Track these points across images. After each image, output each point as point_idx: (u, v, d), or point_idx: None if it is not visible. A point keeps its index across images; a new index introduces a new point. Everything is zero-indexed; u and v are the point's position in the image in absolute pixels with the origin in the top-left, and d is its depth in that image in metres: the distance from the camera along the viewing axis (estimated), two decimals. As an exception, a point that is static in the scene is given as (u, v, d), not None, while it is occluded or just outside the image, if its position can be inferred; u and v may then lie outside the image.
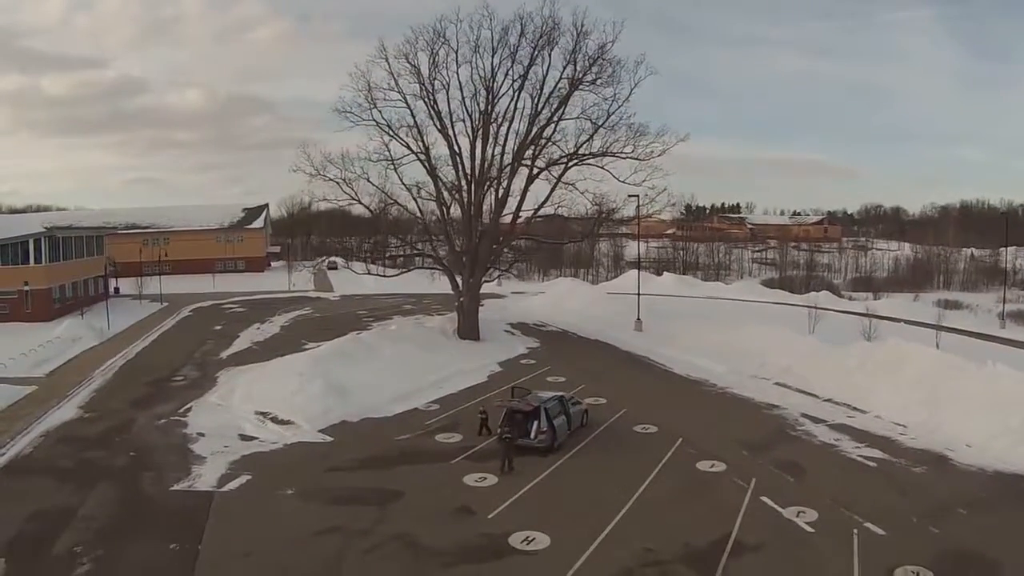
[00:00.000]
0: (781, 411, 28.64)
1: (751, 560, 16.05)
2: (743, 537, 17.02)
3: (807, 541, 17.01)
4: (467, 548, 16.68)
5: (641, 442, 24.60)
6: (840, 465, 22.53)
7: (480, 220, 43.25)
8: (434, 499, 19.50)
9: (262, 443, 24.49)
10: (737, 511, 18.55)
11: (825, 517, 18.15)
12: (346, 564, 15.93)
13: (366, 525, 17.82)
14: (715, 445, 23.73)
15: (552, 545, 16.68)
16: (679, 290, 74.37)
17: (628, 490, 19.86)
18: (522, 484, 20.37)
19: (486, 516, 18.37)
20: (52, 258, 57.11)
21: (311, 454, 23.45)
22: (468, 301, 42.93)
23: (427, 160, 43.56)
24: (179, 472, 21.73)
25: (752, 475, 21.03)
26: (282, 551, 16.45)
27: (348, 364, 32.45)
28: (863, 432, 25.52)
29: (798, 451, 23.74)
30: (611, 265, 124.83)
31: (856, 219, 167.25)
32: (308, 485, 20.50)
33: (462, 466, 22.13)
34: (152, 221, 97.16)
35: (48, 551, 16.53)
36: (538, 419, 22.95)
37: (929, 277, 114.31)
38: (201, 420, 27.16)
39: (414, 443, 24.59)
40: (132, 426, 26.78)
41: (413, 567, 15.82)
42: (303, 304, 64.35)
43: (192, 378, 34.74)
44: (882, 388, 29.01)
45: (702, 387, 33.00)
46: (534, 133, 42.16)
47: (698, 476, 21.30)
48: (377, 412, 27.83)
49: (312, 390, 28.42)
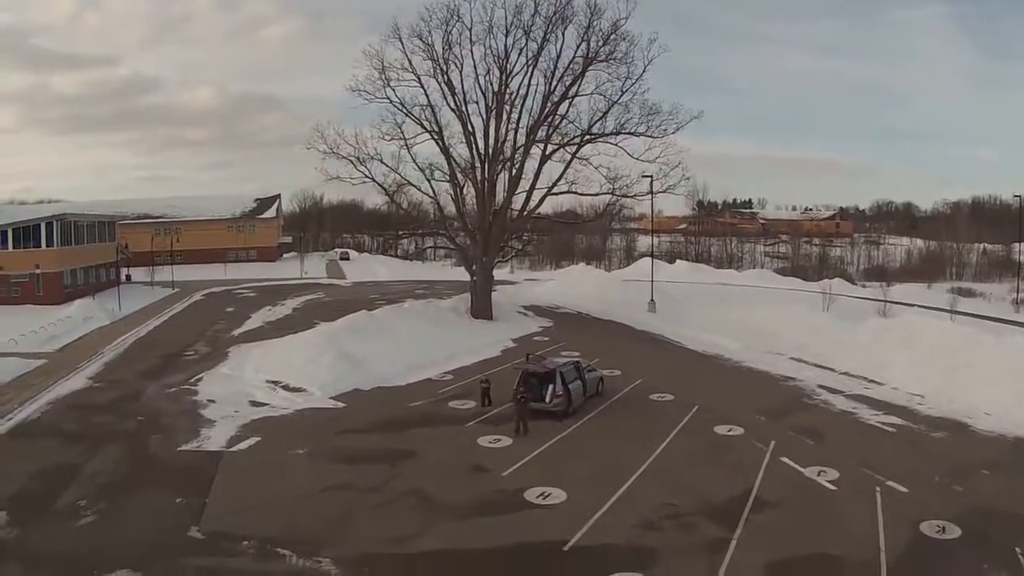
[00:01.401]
0: (797, 383, 28.20)
1: (774, 514, 15.66)
2: (764, 494, 16.64)
3: (830, 497, 16.61)
4: (482, 503, 16.41)
5: (657, 409, 24.23)
6: (859, 430, 22.13)
7: (493, 199, 42.89)
8: (447, 458, 19.23)
9: (273, 408, 24.26)
10: (757, 470, 18.17)
11: (847, 476, 17.75)
12: (356, 516, 15.66)
13: (377, 482, 17.56)
14: (732, 412, 23.30)
15: (569, 499, 16.39)
16: (691, 277, 73.70)
17: (646, 451, 19.52)
18: (537, 445, 20.06)
19: (500, 474, 18.06)
20: (63, 242, 57.11)
21: (322, 418, 23.21)
22: (481, 280, 42.60)
23: (440, 139, 43.25)
24: (188, 435, 21.51)
25: (771, 438, 20.63)
26: (291, 504, 16.19)
27: (361, 338, 32.17)
28: (881, 402, 25.12)
29: (816, 417, 23.33)
30: (623, 257, 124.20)
31: (868, 215, 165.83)
32: (319, 446, 20.26)
33: (476, 429, 21.82)
34: (164, 211, 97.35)
35: (50, 505, 16.31)
36: (553, 382, 22.59)
37: (941, 268, 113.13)
38: (211, 388, 26.95)
39: (427, 409, 24.30)
40: (141, 394, 26.61)
41: (426, 519, 15.51)
42: (315, 290, 64.13)
43: (203, 353, 34.57)
44: (898, 361, 28.61)
45: (717, 361, 32.57)
46: (547, 110, 41.76)
47: (716, 439, 20.92)
48: (389, 381, 27.56)
49: (324, 360, 28.19)
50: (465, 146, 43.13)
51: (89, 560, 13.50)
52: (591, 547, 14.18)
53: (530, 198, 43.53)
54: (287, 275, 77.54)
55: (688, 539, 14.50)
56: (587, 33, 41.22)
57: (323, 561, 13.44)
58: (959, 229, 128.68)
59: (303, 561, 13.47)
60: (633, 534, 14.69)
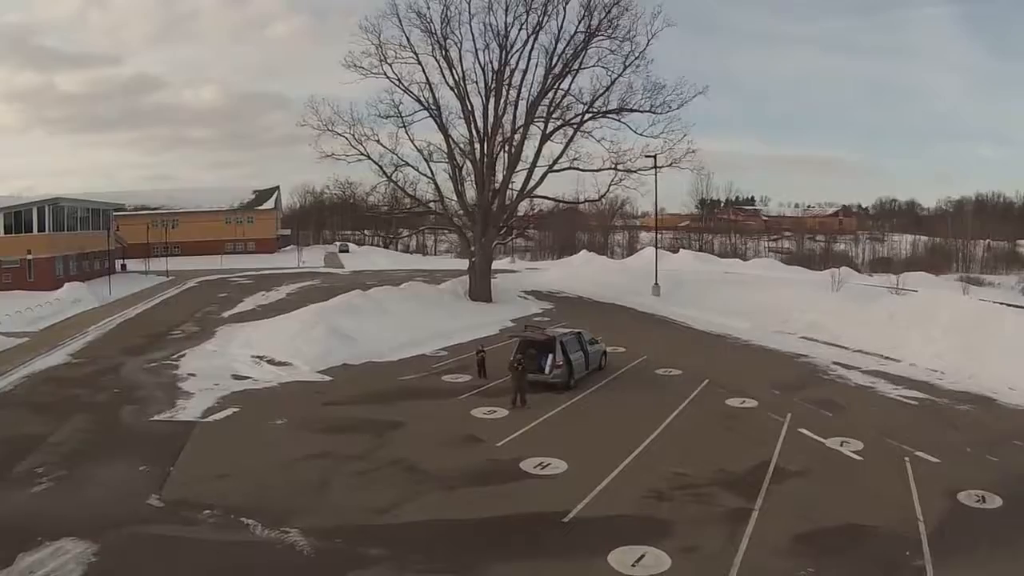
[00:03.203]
0: (810, 359, 26.92)
1: (797, 484, 14.21)
2: (784, 464, 15.19)
3: (856, 467, 15.18)
4: (473, 473, 14.92)
5: (665, 382, 22.86)
6: (880, 403, 20.79)
7: (492, 178, 41.51)
8: (438, 429, 17.77)
9: (256, 382, 22.89)
10: (774, 441, 16.74)
11: (872, 447, 16.34)
12: (333, 486, 14.20)
13: (360, 451, 16.13)
14: (744, 386, 21.91)
15: (570, 470, 14.92)
16: (696, 266, 72.22)
17: (653, 422, 18.08)
18: (535, 416, 18.63)
19: (495, 444, 16.60)
20: (56, 228, 56.04)
21: (307, 391, 21.80)
22: (480, 261, 41.19)
23: (438, 117, 41.89)
24: (162, 406, 20.12)
25: (787, 410, 19.23)
26: (262, 473, 14.75)
27: (353, 315, 30.80)
28: (899, 377, 23.85)
29: (833, 391, 21.97)
30: (625, 251, 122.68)
31: (871, 213, 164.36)
32: (300, 416, 18.84)
33: (470, 400, 20.42)
34: (162, 203, 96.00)
35: (6, 473, 14.89)
36: (553, 352, 21.15)
37: (948, 262, 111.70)
38: (194, 363, 25.59)
39: (419, 382, 22.91)
40: (120, 369, 25.27)
41: (410, 489, 14.01)
42: (312, 278, 62.83)
43: (190, 332, 33.24)
44: (915, 337, 27.35)
45: (725, 340, 31.19)
46: (549, 83, 40.33)
47: (728, 411, 19.50)
48: (381, 357, 26.17)
49: (313, 335, 26.82)
50: (463, 125, 41.83)
51: (35, 527, 12.08)
52: (594, 518, 12.65)
53: (531, 176, 42.10)
54: (284, 264, 76.31)
55: (704, 510, 12.96)
56: (590, 4, 39.86)
57: (290, 532, 11.93)
58: (964, 225, 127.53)
59: (268, 531, 11.98)
60: (642, 505, 13.18)
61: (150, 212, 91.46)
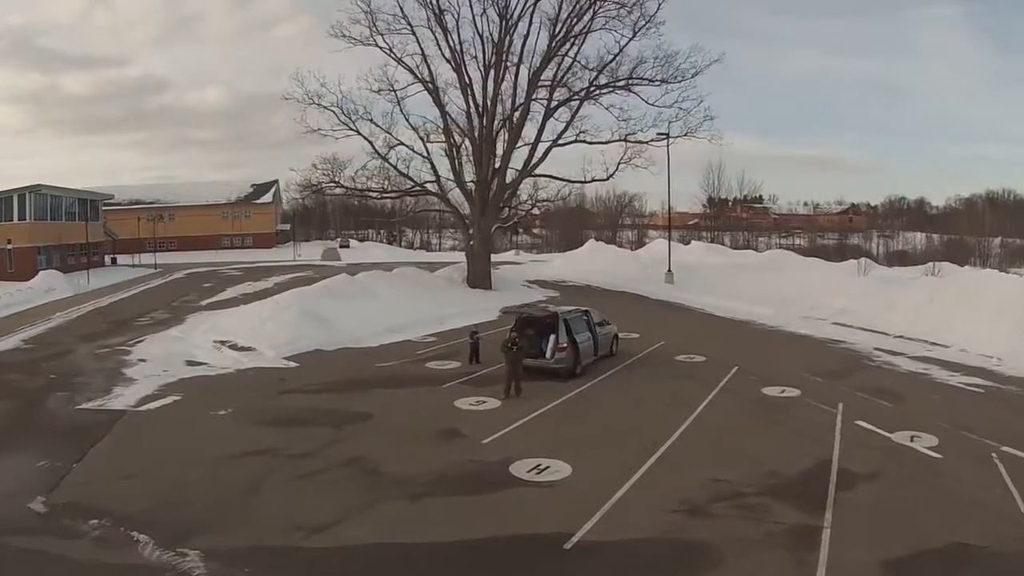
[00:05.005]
0: (848, 345, 23.75)
1: (871, 491, 10.97)
2: (849, 465, 11.94)
3: (938, 468, 11.91)
4: (447, 477, 11.60)
5: (688, 369, 19.62)
6: (941, 391, 17.61)
7: (493, 156, 38.33)
8: (411, 422, 14.60)
9: (211, 368, 19.80)
10: (830, 436, 13.52)
11: (949, 442, 13.12)
12: (264, 492, 11.01)
13: (311, 447, 12.91)
14: (780, 373, 18.70)
15: (575, 475, 11.60)
16: (708, 258, 68.71)
17: (679, 415, 14.87)
18: (533, 408, 15.37)
19: (480, 441, 13.35)
20: (39, 217, 53.40)
21: (265, 378, 18.61)
22: (478, 245, 37.97)
23: (435, 92, 38.70)
24: (96, 393, 17.07)
25: (836, 400, 16.01)
26: (182, 474, 11.62)
27: (335, 299, 27.69)
28: (952, 363, 20.72)
29: (884, 378, 18.77)
30: (635, 245, 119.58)
31: (879, 212, 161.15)
32: (249, 406, 15.70)
33: (456, 389, 17.18)
34: (157, 197, 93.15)
35: None
36: (556, 332, 17.93)
37: (965, 256, 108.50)
38: (149, 349, 22.57)
39: (399, 369, 19.71)
40: (69, 354, 22.30)
41: (363, 497, 10.73)
42: (306, 270, 59.83)
43: (160, 319, 30.17)
44: (961, 321, 24.22)
45: (750, 326, 27.97)
46: (552, 49, 37.06)
47: (768, 401, 16.27)
48: (360, 342, 23.02)
49: (284, 319, 23.69)
50: (461, 99, 38.64)
51: None
52: (607, 544, 9.27)
53: (533, 153, 38.81)
54: (280, 258, 73.44)
55: (756, 529, 9.68)
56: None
57: (189, 554, 8.80)
58: (980, 221, 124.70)
59: (161, 552, 8.85)
60: (671, 523, 9.88)
61: (145, 206, 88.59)
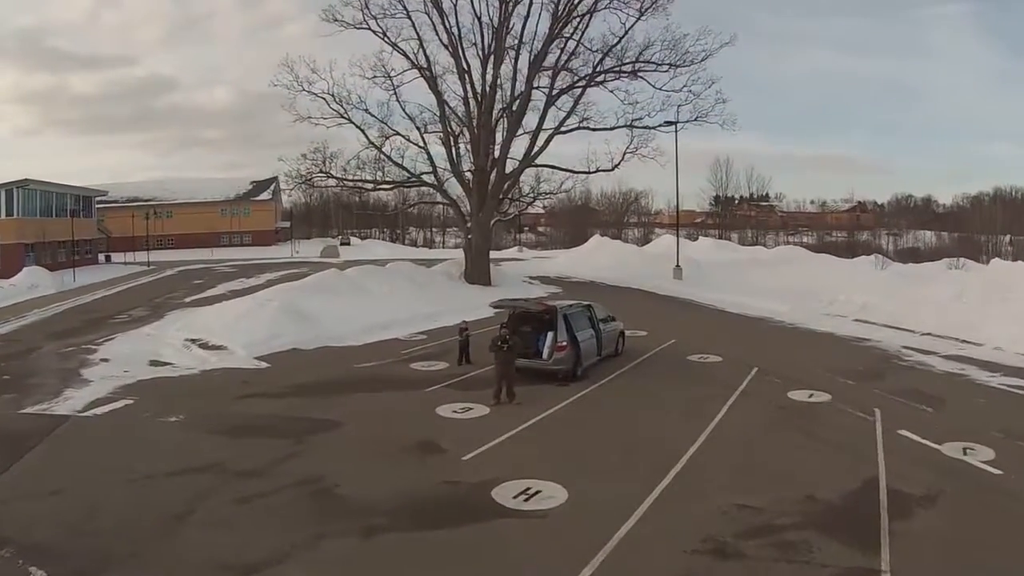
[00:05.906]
0: (874, 343, 21.87)
1: (931, 519, 8.99)
2: (899, 485, 9.97)
3: (1002, 487, 10.01)
4: (415, 503, 9.58)
5: (703, 371, 17.73)
6: (984, 395, 15.70)
7: (492, 145, 36.53)
8: (384, 432, 12.70)
9: (175, 368, 18.08)
10: (872, 449, 11.60)
11: (1007, 455, 11.22)
12: (194, 517, 9.09)
13: (261, 464, 11.01)
14: (806, 375, 16.86)
15: (571, 502, 9.56)
16: (717, 253, 66.81)
17: (695, 425, 12.93)
18: (525, 417, 13.44)
19: (460, 457, 11.37)
20: (27, 212, 51.87)
21: (231, 380, 16.83)
22: (477, 239, 36.16)
23: (431, 80, 36.94)
24: (44, 396, 15.38)
25: (871, 405, 14.12)
26: (107, 493, 9.80)
27: (322, 295, 26.00)
28: (989, 363, 18.82)
29: (919, 380, 16.86)
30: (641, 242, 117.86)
31: (886, 210, 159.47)
32: (205, 412, 13.91)
33: (439, 394, 15.33)
34: (156, 194, 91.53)
35: None
36: (554, 329, 16.07)
37: (976, 253, 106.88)
38: (116, 348, 20.92)
39: (379, 370, 17.89)
40: (31, 353, 20.68)
41: (307, 530, 8.71)
42: (301, 267, 58.17)
43: (137, 316, 28.49)
44: (994, 317, 22.46)
45: (766, 323, 26.13)
46: (555, 32, 35.23)
47: (795, 407, 14.36)
48: (341, 341, 21.24)
49: (262, 315, 21.97)
50: (459, 86, 36.89)
51: None
52: None
53: (535, 141, 36.99)
54: (278, 255, 71.80)
55: (800, 573, 7.68)
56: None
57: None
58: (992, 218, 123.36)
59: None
60: (693, 568, 7.81)
61: (143, 204, 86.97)
